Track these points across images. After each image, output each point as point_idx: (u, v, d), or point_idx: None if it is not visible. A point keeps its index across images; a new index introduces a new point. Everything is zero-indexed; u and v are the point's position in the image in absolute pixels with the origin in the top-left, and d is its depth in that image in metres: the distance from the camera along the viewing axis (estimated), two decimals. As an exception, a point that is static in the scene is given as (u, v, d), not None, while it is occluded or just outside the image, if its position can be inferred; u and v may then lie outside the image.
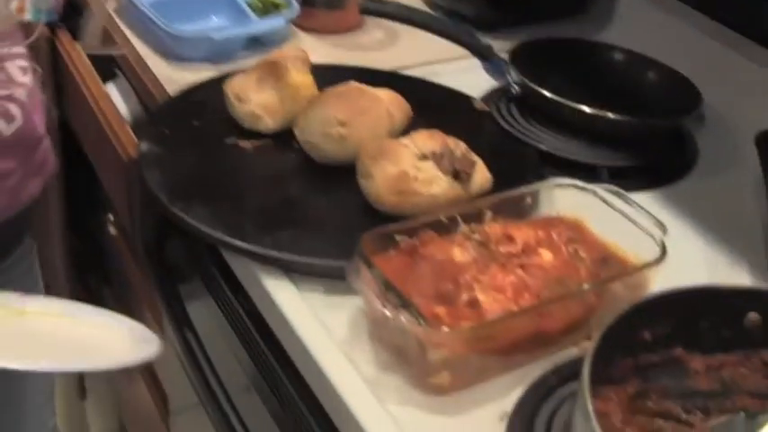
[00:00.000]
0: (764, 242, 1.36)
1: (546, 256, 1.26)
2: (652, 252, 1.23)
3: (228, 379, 1.46)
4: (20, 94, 1.43)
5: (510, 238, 1.26)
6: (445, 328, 1.11)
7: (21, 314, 1.12)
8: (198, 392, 1.50)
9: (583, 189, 1.33)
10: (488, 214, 1.28)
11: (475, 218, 1.28)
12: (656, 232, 1.25)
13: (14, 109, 1.41)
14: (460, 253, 1.22)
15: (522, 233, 1.28)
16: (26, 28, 1.45)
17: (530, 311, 1.16)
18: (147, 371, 2.16)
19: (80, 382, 2.81)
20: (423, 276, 1.19)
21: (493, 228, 1.27)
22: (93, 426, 2.87)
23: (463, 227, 1.26)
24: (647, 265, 1.22)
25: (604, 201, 1.31)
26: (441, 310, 1.15)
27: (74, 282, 2.63)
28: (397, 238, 1.22)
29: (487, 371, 1.15)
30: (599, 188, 1.32)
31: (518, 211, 1.32)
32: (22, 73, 1.45)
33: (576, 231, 1.32)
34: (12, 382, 1.66)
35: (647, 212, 1.27)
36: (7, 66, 1.42)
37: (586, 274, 1.25)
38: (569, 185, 1.34)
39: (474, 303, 1.16)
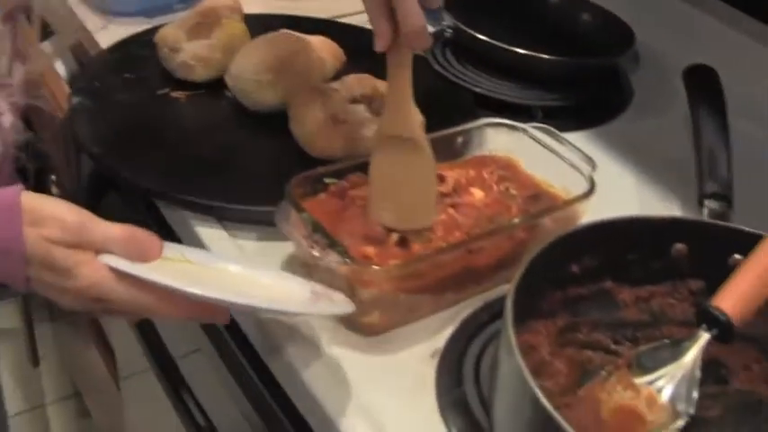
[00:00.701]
0: (696, 177, 1.36)
1: (477, 194, 1.27)
2: (582, 187, 1.23)
3: (174, 341, 1.46)
4: None
5: (441, 178, 1.26)
6: (374, 267, 1.11)
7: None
8: (144, 356, 1.50)
9: (514, 128, 1.33)
10: None
11: None
12: (585, 168, 1.26)
13: None
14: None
15: (454, 173, 1.28)
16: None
17: (457, 247, 1.16)
18: (99, 336, 2.15)
19: (33, 349, 2.80)
20: (353, 218, 1.19)
21: None
22: (48, 392, 2.86)
23: None
24: (576, 199, 1.22)
25: (535, 139, 1.31)
26: (370, 250, 1.15)
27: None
28: (327, 181, 1.22)
29: (419, 309, 1.15)
30: (530, 127, 1.32)
31: (450, 151, 1.32)
32: None
33: (507, 170, 1.32)
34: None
35: (578, 149, 1.28)
36: None
37: (517, 211, 1.25)
38: (500, 125, 1.34)
39: (404, 243, 1.17)
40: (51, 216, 0.94)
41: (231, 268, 1.08)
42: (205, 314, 1.02)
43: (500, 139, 1.34)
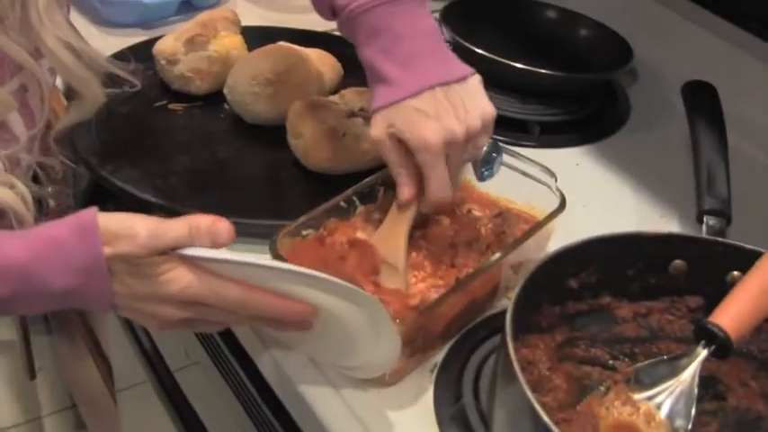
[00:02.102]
0: (694, 193, 1.36)
1: (444, 221, 1.24)
2: (547, 199, 1.23)
3: (172, 355, 1.45)
4: None
5: None
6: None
7: None
8: (142, 369, 1.50)
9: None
10: (381, 190, 1.26)
11: (368, 195, 1.25)
12: (548, 179, 1.25)
13: None
14: (365, 236, 1.20)
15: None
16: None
17: (463, 285, 1.12)
18: (96, 349, 2.15)
19: (29, 362, 2.79)
20: (340, 260, 1.17)
21: (388, 202, 1.24)
22: (45, 404, 2.85)
23: (360, 207, 1.24)
24: (553, 214, 1.21)
25: None
26: (369, 288, 1.13)
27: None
28: (304, 233, 1.18)
29: (431, 348, 1.13)
30: None
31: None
32: None
33: (464, 191, 1.31)
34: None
35: (534, 162, 1.27)
36: None
37: (487, 232, 1.24)
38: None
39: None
40: (123, 234, 0.93)
41: None
42: (290, 310, 0.98)
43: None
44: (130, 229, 0.93)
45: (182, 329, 1.02)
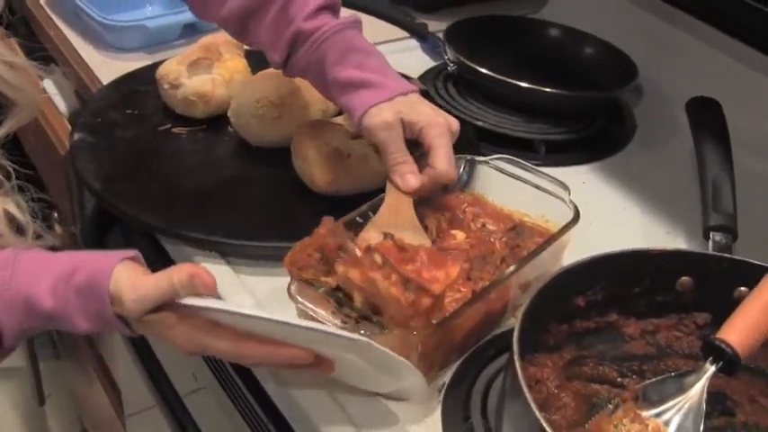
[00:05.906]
0: (700, 209, 1.35)
1: (459, 236, 1.26)
2: (561, 211, 1.24)
3: (179, 379, 1.45)
4: None
5: (425, 227, 1.25)
6: (413, 332, 1.04)
7: None
8: (151, 394, 1.50)
9: (474, 162, 1.33)
10: None
11: None
12: (562, 192, 1.25)
13: None
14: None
15: (432, 219, 1.27)
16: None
17: (480, 296, 1.12)
18: (105, 374, 2.15)
19: (38, 388, 2.79)
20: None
21: None
22: (54, 430, 2.85)
23: None
24: (567, 227, 1.21)
25: (500, 170, 1.31)
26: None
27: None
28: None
29: (448, 362, 1.13)
30: (491, 159, 1.32)
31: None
32: None
33: (476, 206, 1.32)
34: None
35: (547, 175, 1.28)
36: None
37: (501, 246, 1.25)
38: (462, 159, 1.33)
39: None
40: (116, 298, 0.99)
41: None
42: (282, 358, 1.01)
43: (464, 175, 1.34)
44: (118, 296, 0.99)
45: None
